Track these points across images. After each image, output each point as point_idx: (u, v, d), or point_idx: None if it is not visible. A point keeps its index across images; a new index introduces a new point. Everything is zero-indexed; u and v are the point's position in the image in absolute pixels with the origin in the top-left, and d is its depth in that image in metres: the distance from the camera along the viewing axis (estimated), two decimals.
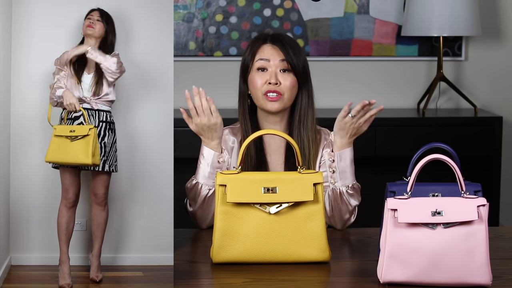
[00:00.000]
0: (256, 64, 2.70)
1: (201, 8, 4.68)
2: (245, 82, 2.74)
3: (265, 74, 2.69)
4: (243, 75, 2.75)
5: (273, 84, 2.67)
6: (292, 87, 2.69)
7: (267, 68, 2.70)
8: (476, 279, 2.07)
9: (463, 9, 4.45)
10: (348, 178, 2.64)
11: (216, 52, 4.71)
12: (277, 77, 2.68)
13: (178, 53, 4.67)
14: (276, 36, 2.74)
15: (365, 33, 4.74)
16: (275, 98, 2.68)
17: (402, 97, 4.80)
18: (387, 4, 4.72)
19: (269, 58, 2.69)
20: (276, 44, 2.71)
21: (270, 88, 2.67)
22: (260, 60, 2.70)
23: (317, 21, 4.71)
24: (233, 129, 2.80)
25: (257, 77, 2.69)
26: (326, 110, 4.60)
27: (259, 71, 2.70)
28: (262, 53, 2.71)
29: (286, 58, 2.68)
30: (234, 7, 4.68)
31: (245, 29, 4.69)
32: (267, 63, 2.69)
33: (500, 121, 4.40)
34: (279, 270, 2.25)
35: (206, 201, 2.65)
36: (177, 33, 4.65)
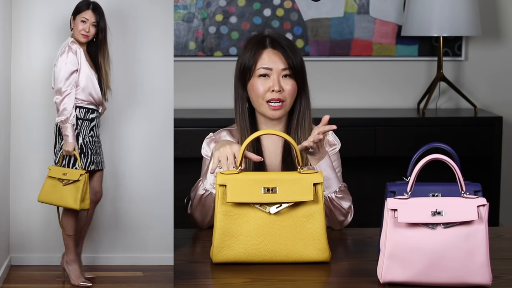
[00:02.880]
0: (258, 72, 2.69)
1: (201, 8, 4.68)
2: (244, 86, 2.73)
3: (267, 80, 2.68)
4: (241, 79, 2.73)
5: (276, 92, 2.66)
6: (294, 91, 2.70)
7: (269, 75, 2.69)
8: (476, 279, 2.07)
9: (463, 9, 4.45)
10: (333, 184, 2.63)
11: (216, 52, 4.71)
12: (280, 84, 2.67)
13: (178, 53, 4.67)
14: (275, 39, 2.72)
15: (365, 33, 4.74)
16: (278, 107, 2.67)
17: (402, 97, 4.80)
18: (387, 4, 4.72)
19: (272, 66, 2.68)
20: (277, 49, 2.69)
21: (273, 96, 2.67)
22: (262, 69, 2.68)
23: (317, 21, 4.71)
24: (231, 131, 2.80)
25: (259, 83, 2.68)
26: (326, 110, 4.60)
27: (260, 78, 2.69)
28: (263, 60, 2.69)
29: (288, 66, 2.67)
30: (234, 7, 4.68)
31: (245, 29, 4.69)
32: (269, 71, 2.68)
33: (500, 121, 4.41)
34: (279, 270, 2.25)
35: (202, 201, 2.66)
36: (177, 33, 4.65)
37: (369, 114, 4.51)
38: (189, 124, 4.25)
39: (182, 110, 4.55)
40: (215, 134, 2.79)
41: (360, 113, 4.56)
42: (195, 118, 4.35)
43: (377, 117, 4.46)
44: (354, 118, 4.43)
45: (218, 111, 4.53)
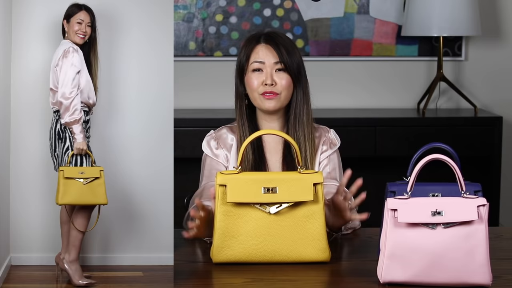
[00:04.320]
0: (251, 66, 2.72)
1: (201, 8, 4.68)
2: (242, 83, 2.75)
3: (261, 74, 2.70)
4: (240, 76, 2.76)
5: (269, 85, 2.68)
6: (288, 86, 2.71)
7: (262, 69, 2.71)
8: (476, 279, 2.07)
9: (463, 9, 4.45)
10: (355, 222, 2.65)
11: (216, 52, 4.71)
12: (272, 78, 2.69)
13: (178, 53, 4.67)
14: (270, 35, 2.74)
15: (365, 33, 4.74)
16: (271, 96, 2.69)
17: (402, 97, 4.80)
18: (387, 4, 4.72)
19: (264, 60, 2.70)
20: (269, 44, 2.72)
21: (266, 89, 2.69)
22: (254, 63, 2.71)
23: (317, 21, 4.71)
24: (231, 127, 2.80)
25: (253, 78, 2.71)
26: (326, 110, 4.61)
27: (254, 72, 2.71)
28: (256, 54, 2.72)
29: (280, 60, 2.69)
30: (234, 7, 4.68)
31: (245, 29, 4.69)
32: (262, 65, 2.70)
33: (500, 121, 4.41)
34: (279, 270, 2.25)
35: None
36: (177, 33, 4.65)
37: (369, 114, 4.51)
38: (189, 124, 4.25)
39: (182, 110, 4.55)
40: (215, 132, 2.79)
41: (360, 113, 4.56)
42: (195, 118, 4.35)
43: (377, 117, 4.46)
44: (354, 118, 4.43)
45: (218, 111, 4.53)
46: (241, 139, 2.72)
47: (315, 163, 2.75)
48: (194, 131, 4.17)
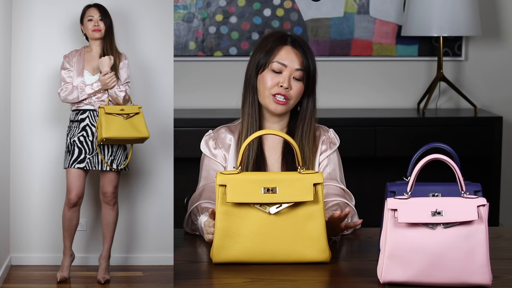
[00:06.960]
0: (272, 65, 2.69)
1: (201, 8, 4.68)
2: (256, 77, 2.73)
3: (278, 76, 2.69)
4: (256, 70, 2.73)
5: (284, 88, 2.67)
6: (299, 94, 2.71)
7: (282, 71, 2.69)
8: (476, 279, 2.07)
9: (463, 9, 4.45)
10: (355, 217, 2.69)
11: (216, 52, 4.71)
12: (289, 82, 2.68)
13: (178, 53, 4.67)
14: (296, 40, 2.73)
15: (365, 33, 4.74)
16: (282, 102, 2.68)
17: (402, 97, 4.80)
18: (387, 4, 4.72)
19: (288, 63, 2.68)
20: (297, 49, 2.70)
21: (280, 91, 2.68)
22: (277, 63, 2.69)
23: (317, 21, 4.71)
24: (230, 127, 2.80)
25: (269, 77, 2.69)
26: (326, 110, 4.61)
27: (272, 72, 2.70)
28: (281, 56, 2.70)
29: (302, 67, 2.68)
30: (234, 7, 4.68)
31: (245, 29, 4.69)
32: (283, 67, 2.69)
33: (500, 121, 4.41)
34: (279, 270, 2.25)
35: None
36: (177, 33, 4.65)
37: (369, 114, 4.51)
38: (189, 124, 4.25)
39: (182, 110, 4.55)
40: (214, 131, 2.79)
41: (360, 113, 4.56)
42: (195, 118, 4.35)
43: (377, 117, 4.46)
44: (354, 118, 4.43)
45: (218, 111, 4.53)
46: (247, 130, 2.71)
47: (315, 163, 2.74)
48: (194, 131, 4.16)
